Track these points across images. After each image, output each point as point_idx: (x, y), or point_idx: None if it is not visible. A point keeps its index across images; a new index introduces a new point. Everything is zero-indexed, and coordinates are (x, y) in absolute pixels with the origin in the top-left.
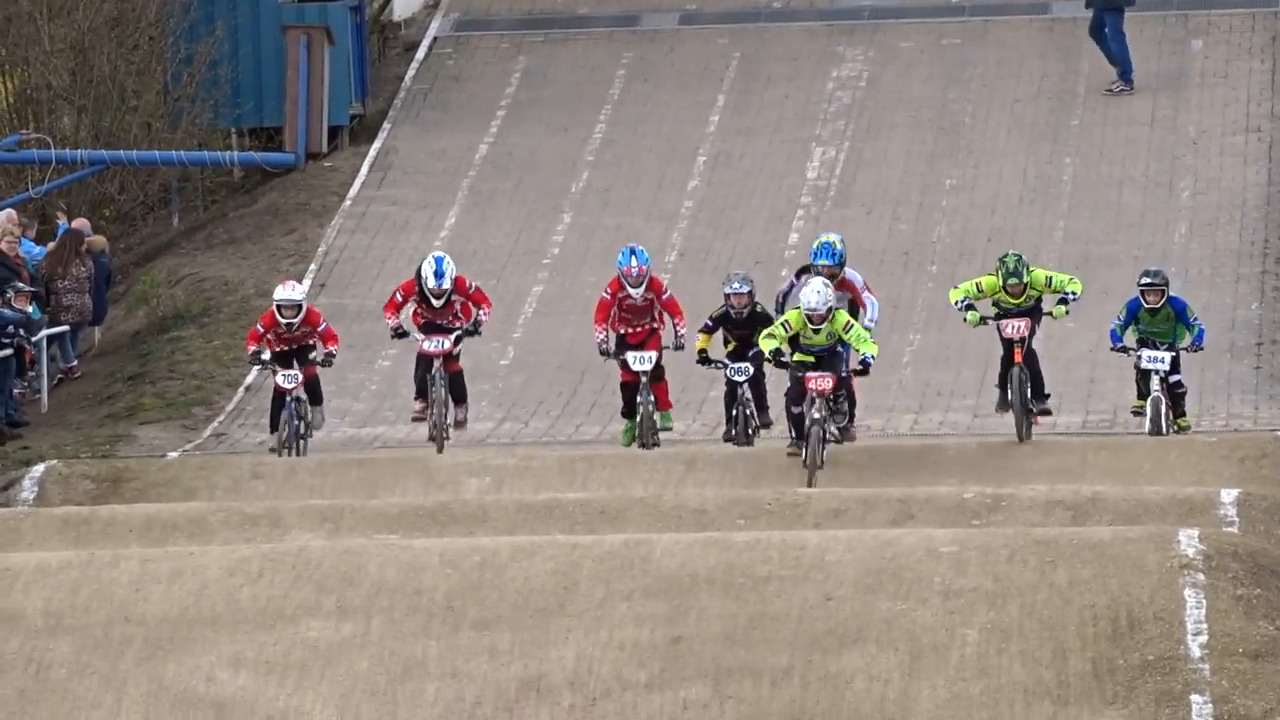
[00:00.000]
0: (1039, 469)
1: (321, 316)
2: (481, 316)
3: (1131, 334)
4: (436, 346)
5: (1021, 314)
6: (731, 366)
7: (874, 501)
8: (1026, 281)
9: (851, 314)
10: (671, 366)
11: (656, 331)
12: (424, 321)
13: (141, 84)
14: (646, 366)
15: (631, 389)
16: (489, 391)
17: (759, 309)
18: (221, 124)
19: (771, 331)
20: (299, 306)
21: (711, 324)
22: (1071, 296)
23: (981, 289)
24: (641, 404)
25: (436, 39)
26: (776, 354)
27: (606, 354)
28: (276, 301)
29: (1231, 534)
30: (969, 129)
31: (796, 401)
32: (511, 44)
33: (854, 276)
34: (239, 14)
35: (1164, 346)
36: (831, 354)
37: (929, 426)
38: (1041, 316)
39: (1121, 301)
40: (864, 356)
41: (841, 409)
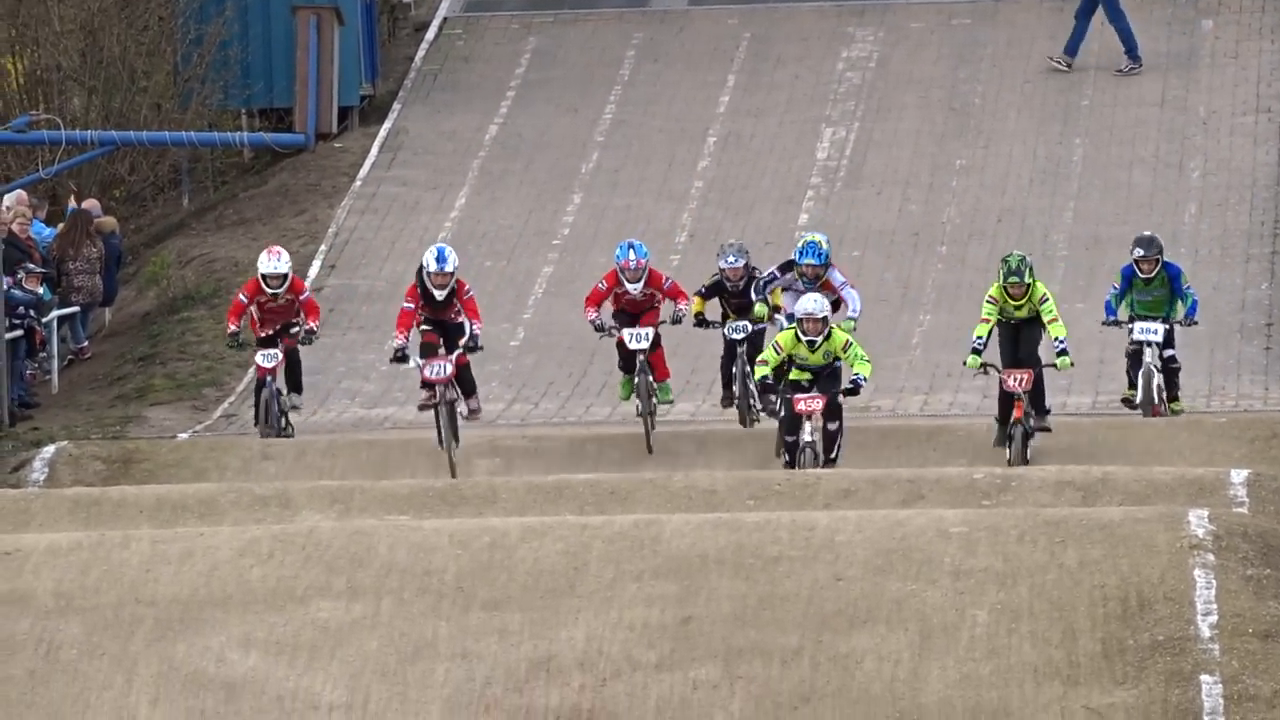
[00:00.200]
0: (1049, 449)
1: (305, 285)
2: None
3: (1124, 310)
4: (438, 373)
5: (1021, 365)
6: (729, 325)
7: (884, 482)
8: (1029, 282)
9: (833, 308)
10: (681, 348)
11: (655, 308)
12: (425, 318)
13: (151, 65)
14: (644, 345)
15: (630, 352)
16: (499, 372)
17: (755, 273)
18: (231, 105)
19: (764, 358)
20: (284, 277)
21: (705, 291)
22: (1057, 344)
23: (993, 299)
24: (640, 378)
25: (446, 19)
26: (764, 381)
27: (600, 329)
28: (262, 273)
29: (1241, 514)
30: (979, 109)
31: (791, 431)
32: (521, 24)
33: (834, 275)
34: None
35: (1159, 320)
36: (830, 373)
37: (939, 407)
38: (1043, 369)
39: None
40: (855, 376)
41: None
